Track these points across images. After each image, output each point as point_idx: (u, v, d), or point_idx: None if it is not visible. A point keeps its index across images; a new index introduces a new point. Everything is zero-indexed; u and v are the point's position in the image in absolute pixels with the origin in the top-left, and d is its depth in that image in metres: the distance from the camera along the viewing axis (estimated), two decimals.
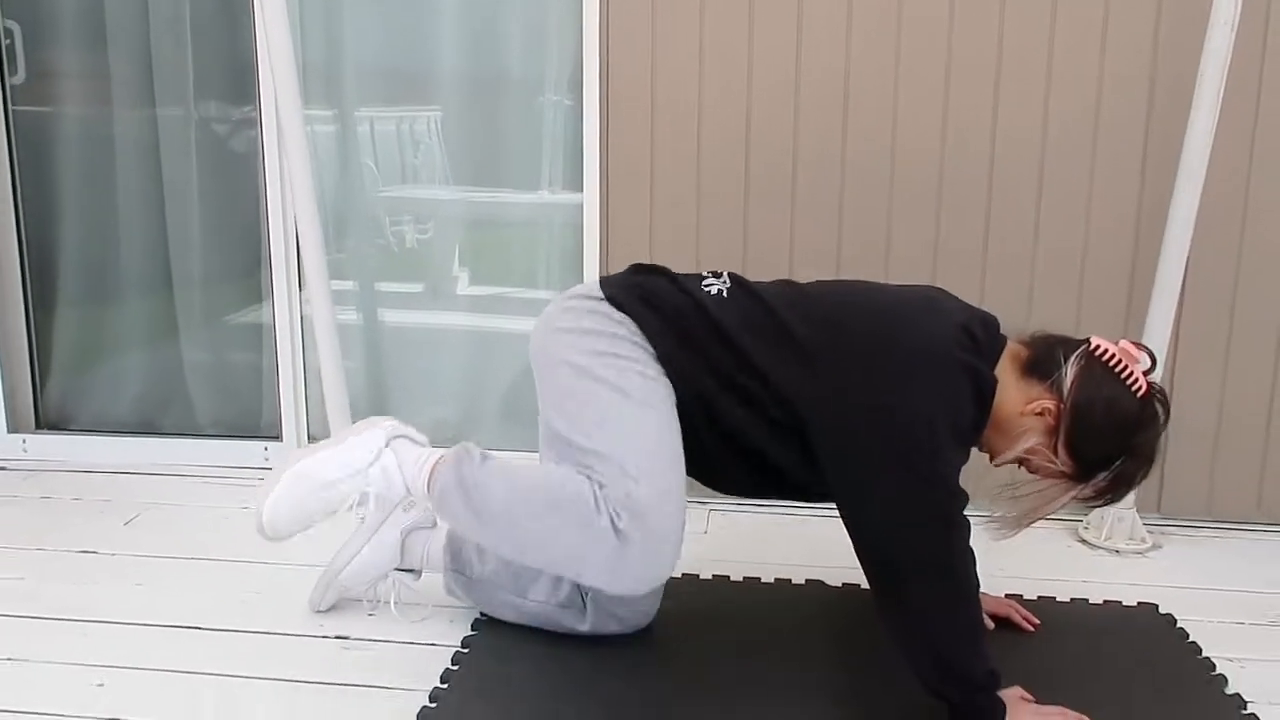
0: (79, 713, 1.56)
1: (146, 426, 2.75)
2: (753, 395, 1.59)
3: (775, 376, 1.58)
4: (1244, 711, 1.62)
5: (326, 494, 1.69)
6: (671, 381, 1.62)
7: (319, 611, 1.89)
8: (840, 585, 2.04)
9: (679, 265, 1.86)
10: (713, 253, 2.40)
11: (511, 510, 1.60)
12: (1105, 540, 2.29)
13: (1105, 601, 2.00)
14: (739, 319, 1.62)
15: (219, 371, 2.75)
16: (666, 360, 1.62)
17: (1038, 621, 1.88)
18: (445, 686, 1.64)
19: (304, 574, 1.98)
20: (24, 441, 2.69)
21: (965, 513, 1.52)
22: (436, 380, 2.74)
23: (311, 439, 2.68)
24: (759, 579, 2.07)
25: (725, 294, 1.67)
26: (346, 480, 1.69)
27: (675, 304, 1.66)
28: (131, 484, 2.55)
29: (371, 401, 2.70)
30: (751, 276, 1.75)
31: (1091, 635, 1.87)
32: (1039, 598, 1.99)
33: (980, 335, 1.59)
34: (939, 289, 1.73)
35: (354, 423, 1.86)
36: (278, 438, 2.67)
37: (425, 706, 1.58)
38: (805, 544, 2.21)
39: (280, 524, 1.69)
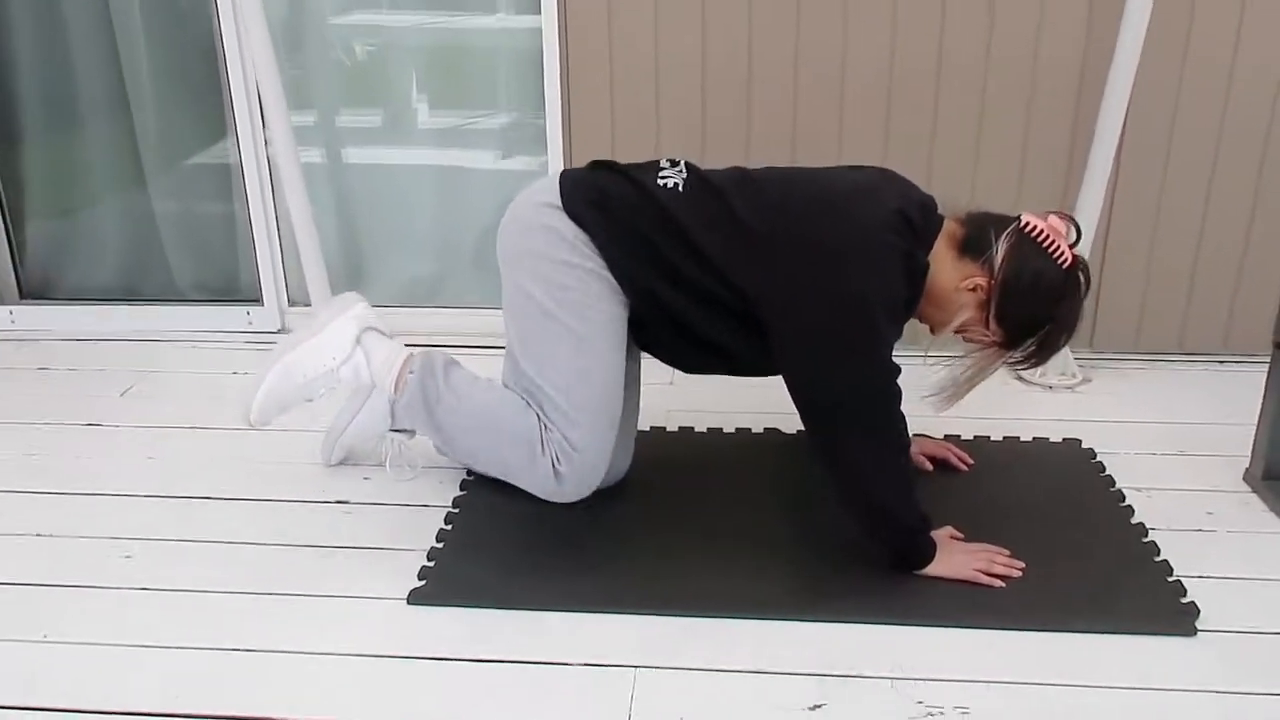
0: (113, 584, 1.74)
1: (128, 293, 2.83)
2: (705, 288, 1.72)
3: (727, 267, 1.70)
4: (1144, 540, 1.85)
5: (303, 389, 1.95)
6: (622, 285, 1.76)
7: (330, 465, 2.09)
8: (795, 432, 2.23)
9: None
10: (674, 85, 2.47)
11: (467, 433, 1.89)
12: (1039, 377, 2.48)
13: (1034, 439, 2.21)
14: (694, 212, 1.73)
15: (192, 227, 2.79)
16: (615, 266, 1.75)
17: (972, 461, 2.09)
18: (440, 546, 1.84)
19: (295, 440, 2.17)
20: (11, 313, 2.77)
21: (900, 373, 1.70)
22: (407, 227, 2.80)
23: (291, 302, 2.78)
24: (721, 429, 2.26)
25: (681, 186, 1.77)
26: (321, 378, 1.93)
27: (629, 203, 1.76)
28: (121, 352, 2.67)
29: (345, 260, 2.79)
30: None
31: (1019, 472, 2.09)
32: (975, 437, 2.20)
33: (916, 218, 1.71)
34: (884, 171, 1.83)
35: (330, 293, 2.08)
36: (258, 301, 2.77)
37: (424, 565, 1.78)
38: (762, 394, 2.37)
39: (266, 415, 1.96)
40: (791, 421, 2.22)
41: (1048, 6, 2.35)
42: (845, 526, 1.75)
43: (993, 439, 2.21)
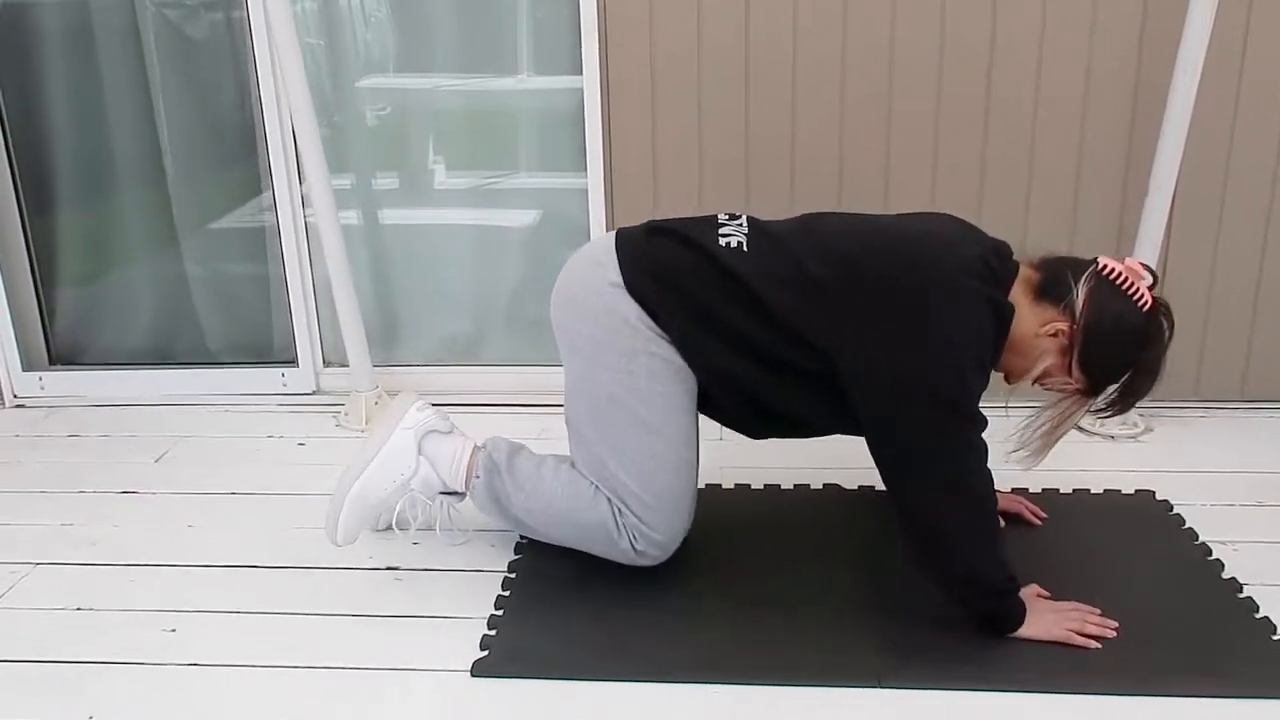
0: (158, 660, 1.66)
1: (159, 357, 2.77)
2: (775, 353, 1.66)
3: (800, 325, 1.63)
4: (1240, 595, 1.76)
5: (380, 505, 1.88)
6: (688, 361, 1.70)
7: (377, 530, 1.99)
8: (856, 488, 2.15)
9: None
10: (717, 150, 2.44)
11: (543, 524, 1.82)
12: (1100, 427, 2.40)
13: (1105, 491, 2.13)
14: (760, 271, 1.67)
15: (224, 289, 2.74)
16: (680, 344, 1.69)
17: (1045, 515, 2.01)
18: (501, 613, 1.75)
19: None
20: (40, 379, 2.71)
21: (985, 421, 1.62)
22: (440, 286, 2.74)
23: (326, 362, 2.72)
24: (779, 485, 2.18)
25: (745, 245, 1.70)
26: (394, 493, 1.86)
27: (691, 271, 1.69)
28: (154, 417, 2.60)
29: (381, 320, 2.73)
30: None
31: (1095, 526, 2.00)
32: (1043, 490, 2.12)
33: (995, 264, 1.65)
34: (951, 217, 1.77)
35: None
36: (293, 362, 2.71)
37: (486, 635, 1.69)
38: (818, 448, 2.30)
39: (351, 535, 1.87)
40: (852, 477, 2.17)
41: (1097, 45, 2.33)
42: (924, 586, 1.66)
43: (1061, 491, 2.13)
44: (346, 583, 1.87)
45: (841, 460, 2.19)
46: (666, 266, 1.71)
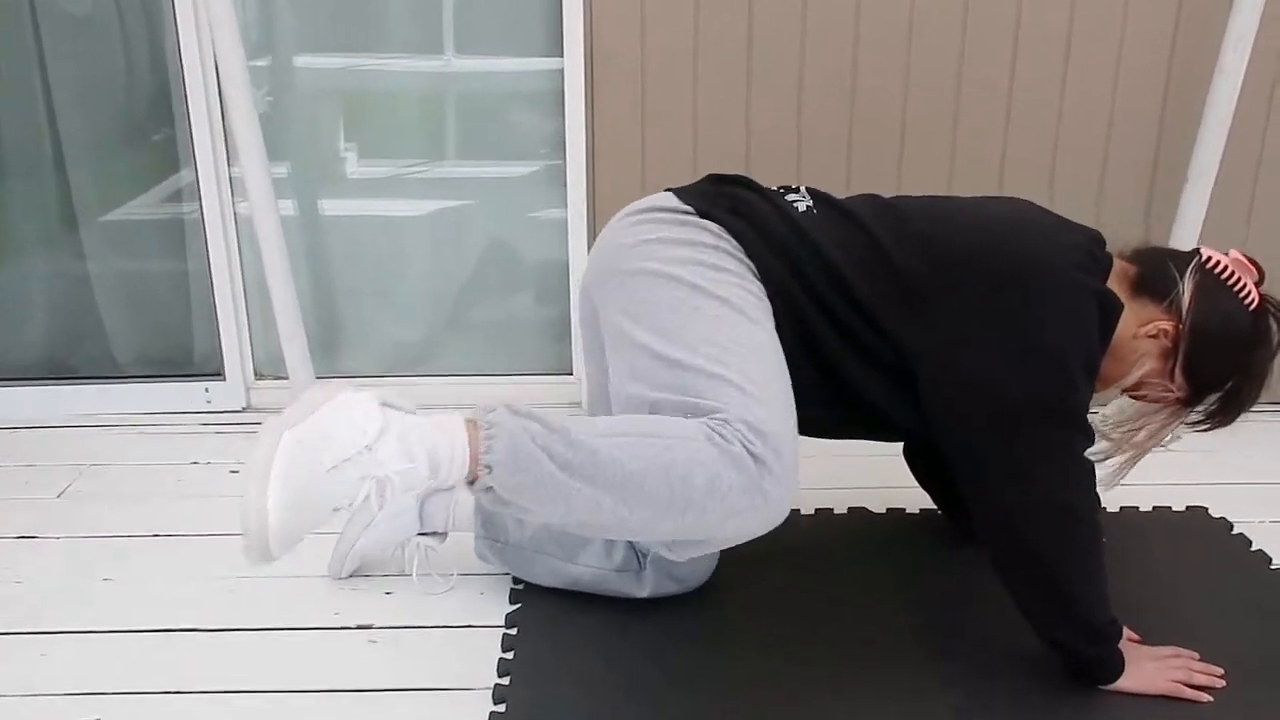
0: None
1: (57, 370, 2.37)
2: (853, 329, 1.39)
3: (879, 312, 1.37)
4: None
5: (331, 483, 1.12)
6: (773, 306, 1.39)
7: (340, 579, 1.69)
8: (885, 511, 1.92)
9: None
10: (713, 140, 2.17)
11: (613, 456, 1.19)
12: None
13: (1154, 509, 1.94)
14: (833, 240, 1.40)
15: (135, 290, 2.36)
16: (769, 280, 1.38)
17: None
18: (507, 682, 1.45)
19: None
20: None
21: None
22: (389, 286, 2.40)
23: (258, 374, 2.37)
24: (797, 510, 1.92)
25: (813, 210, 1.45)
26: (354, 460, 1.13)
27: (768, 218, 1.41)
28: (53, 442, 2.21)
29: (319, 327, 2.39)
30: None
31: (1156, 551, 1.81)
32: None
33: (1098, 254, 1.43)
34: (1031, 203, 1.54)
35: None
36: (219, 375, 2.34)
37: (494, 711, 1.39)
38: (836, 466, 2.06)
39: (287, 535, 1.09)
40: (880, 499, 1.94)
41: (1129, 32, 2.14)
42: (994, 627, 1.45)
43: (1109, 510, 1.92)
44: (311, 648, 1.54)
45: (865, 479, 1.97)
46: (744, 204, 1.43)
